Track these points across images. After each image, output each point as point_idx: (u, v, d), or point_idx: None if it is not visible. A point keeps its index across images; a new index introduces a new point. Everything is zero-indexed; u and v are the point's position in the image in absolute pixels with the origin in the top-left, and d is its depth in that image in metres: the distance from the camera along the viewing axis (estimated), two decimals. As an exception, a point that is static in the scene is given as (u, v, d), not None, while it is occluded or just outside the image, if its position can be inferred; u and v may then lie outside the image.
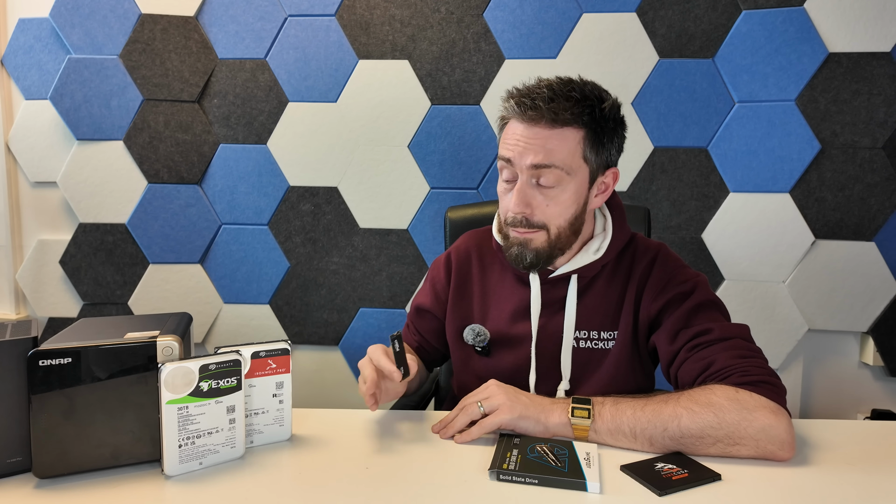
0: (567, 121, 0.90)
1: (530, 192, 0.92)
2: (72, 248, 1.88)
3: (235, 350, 0.78)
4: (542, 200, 0.92)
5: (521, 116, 0.91)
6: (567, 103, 0.89)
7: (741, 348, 0.87)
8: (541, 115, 0.89)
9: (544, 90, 0.90)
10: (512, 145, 0.92)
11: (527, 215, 0.93)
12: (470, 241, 1.12)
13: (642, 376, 1.00)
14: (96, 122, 1.83)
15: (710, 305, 0.93)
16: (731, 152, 1.74)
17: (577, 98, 0.90)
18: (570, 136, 0.91)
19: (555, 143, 0.90)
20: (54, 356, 0.69)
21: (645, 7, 1.73)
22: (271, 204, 1.86)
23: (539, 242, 0.94)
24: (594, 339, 0.98)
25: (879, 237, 1.71)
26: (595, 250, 0.98)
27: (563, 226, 0.94)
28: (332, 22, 1.80)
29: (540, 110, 0.89)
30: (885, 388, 1.79)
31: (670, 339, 0.92)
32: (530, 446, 0.79)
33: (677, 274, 0.97)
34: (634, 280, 0.98)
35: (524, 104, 0.90)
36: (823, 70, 1.68)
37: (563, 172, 0.91)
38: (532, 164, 0.90)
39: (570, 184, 0.92)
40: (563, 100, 0.90)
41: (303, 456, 0.80)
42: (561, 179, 0.91)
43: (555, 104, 0.89)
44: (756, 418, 0.77)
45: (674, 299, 0.94)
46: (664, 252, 1.01)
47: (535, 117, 0.90)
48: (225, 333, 1.91)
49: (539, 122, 0.90)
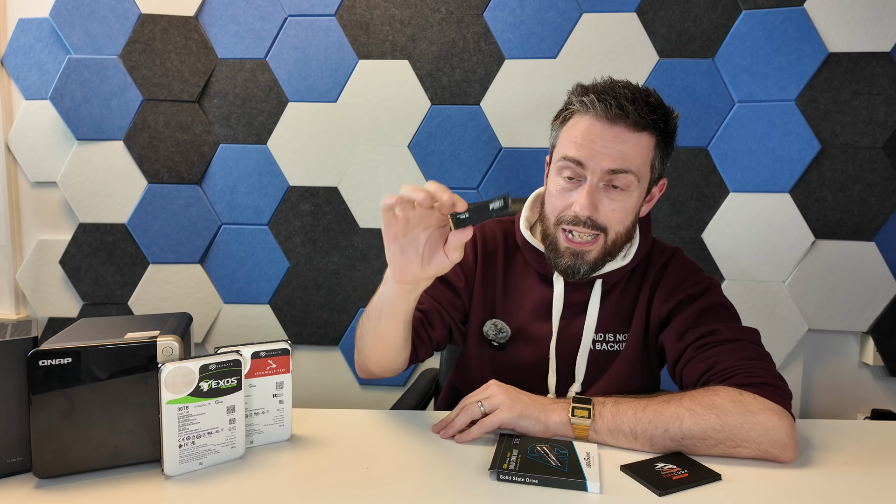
0: (646, 126, 0.87)
1: (599, 196, 0.88)
2: (72, 248, 1.88)
3: (235, 350, 0.78)
4: (608, 204, 0.89)
5: (603, 113, 0.86)
6: (647, 108, 0.86)
7: (748, 350, 0.86)
8: (625, 115, 0.85)
9: (625, 91, 0.86)
10: (585, 144, 0.86)
11: (594, 218, 0.88)
12: (497, 228, 1.06)
13: (649, 377, 1.00)
14: (96, 122, 1.83)
15: (721, 308, 0.93)
16: (731, 152, 1.74)
17: (655, 104, 0.88)
18: (646, 143, 0.88)
19: (632, 148, 0.86)
20: (54, 356, 0.69)
21: (645, 7, 1.73)
22: (271, 204, 1.86)
23: (596, 252, 0.91)
24: (609, 341, 0.98)
25: (879, 237, 1.71)
26: (623, 256, 0.97)
27: (621, 232, 0.91)
28: (332, 22, 1.80)
29: (625, 110, 0.85)
30: (885, 388, 1.79)
31: (677, 338, 0.92)
32: (530, 446, 0.79)
33: (690, 277, 0.96)
34: (648, 282, 0.98)
35: (608, 102, 0.85)
36: (823, 70, 1.68)
37: (635, 178, 0.88)
38: (609, 169, 0.86)
39: (636, 190, 0.89)
40: (643, 104, 0.86)
41: (303, 456, 0.80)
42: (631, 184, 0.88)
43: (638, 107, 0.85)
44: (759, 421, 0.77)
45: (684, 300, 0.94)
46: (679, 256, 1.00)
47: (619, 116, 0.85)
48: (225, 333, 1.91)
49: (620, 123, 0.86)
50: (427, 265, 0.76)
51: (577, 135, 0.88)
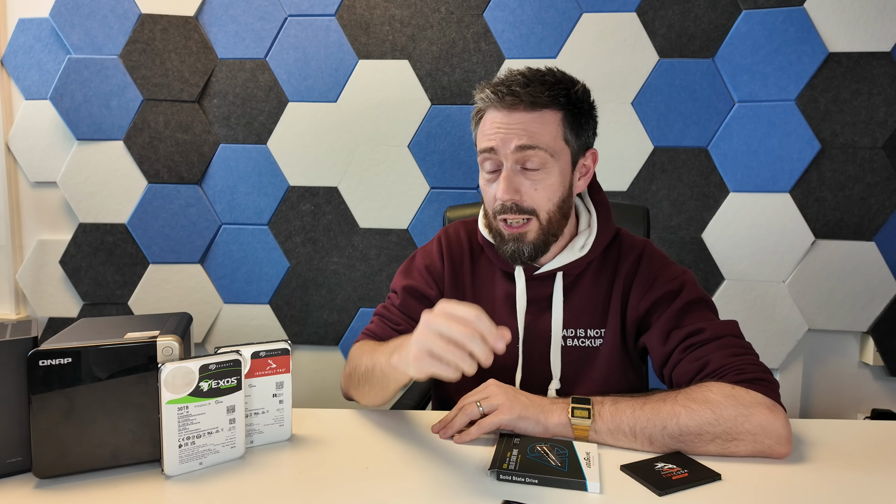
0: (545, 103, 0.90)
1: (517, 179, 0.92)
2: (72, 248, 1.88)
3: (235, 350, 0.78)
4: (529, 186, 0.92)
5: (498, 104, 0.91)
6: (542, 87, 0.90)
7: (734, 346, 0.87)
8: (519, 99, 0.89)
9: (518, 77, 0.91)
10: (492, 133, 0.91)
11: (516, 201, 0.92)
12: (460, 229, 1.09)
13: (634, 375, 1.00)
14: (96, 122, 1.83)
15: (700, 303, 0.94)
16: (731, 152, 1.74)
17: (552, 81, 0.91)
18: (550, 119, 0.91)
19: (536, 126, 0.90)
20: (54, 356, 0.69)
21: (645, 7, 1.73)
22: (271, 204, 1.86)
23: (533, 234, 0.93)
24: (581, 336, 0.98)
25: (879, 237, 1.71)
26: (580, 247, 0.98)
27: (552, 210, 0.93)
28: (332, 22, 1.80)
29: (518, 95, 0.89)
30: (885, 388, 1.79)
31: (662, 340, 0.92)
32: (530, 446, 0.79)
33: (664, 271, 0.97)
34: (621, 277, 0.98)
35: (500, 92, 0.90)
36: (823, 70, 1.68)
37: (548, 154, 0.91)
38: (517, 146, 0.90)
39: (554, 167, 0.92)
40: (538, 84, 0.90)
41: (303, 456, 0.80)
42: (545, 162, 0.91)
43: (531, 88, 0.89)
44: (753, 414, 0.78)
45: (662, 298, 0.94)
46: (650, 249, 1.01)
47: (513, 102, 0.90)
48: (225, 333, 1.91)
49: (518, 108, 0.90)
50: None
51: (486, 128, 0.93)
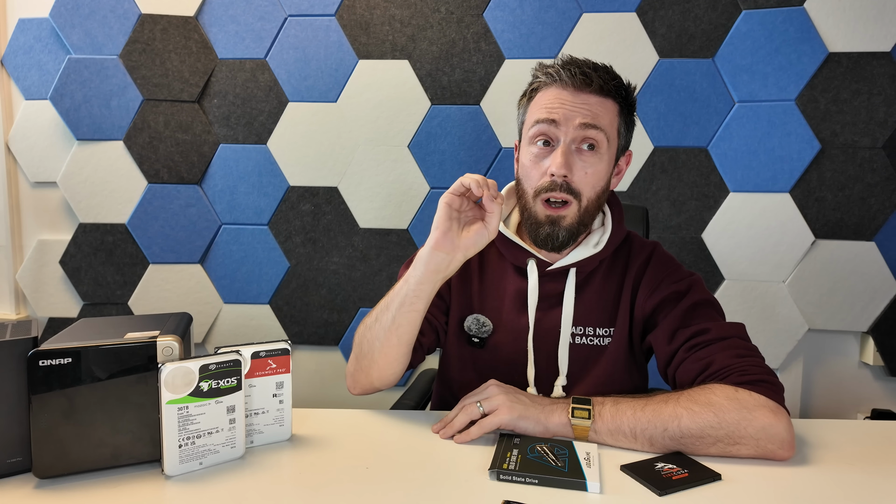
0: (610, 91, 0.91)
1: (572, 157, 0.91)
2: (72, 248, 1.88)
3: (235, 350, 0.78)
4: (581, 167, 0.92)
5: (568, 81, 0.91)
6: (609, 76, 0.92)
7: (739, 347, 0.87)
8: (590, 80, 0.90)
9: (587, 61, 0.92)
10: (556, 107, 0.91)
11: (568, 179, 0.91)
12: None
13: (637, 374, 1.00)
14: (96, 122, 1.83)
15: (706, 304, 0.93)
16: (731, 152, 1.74)
17: (615, 74, 0.93)
18: (611, 107, 0.93)
19: (600, 109, 0.91)
20: (54, 356, 0.69)
21: (645, 7, 1.73)
22: (271, 204, 1.86)
23: (570, 218, 0.93)
24: (590, 335, 0.98)
25: (879, 237, 1.71)
26: (595, 244, 0.98)
27: (592, 198, 0.94)
28: (332, 22, 1.80)
29: (589, 77, 0.90)
30: (885, 388, 1.79)
31: (668, 339, 0.92)
32: (530, 446, 0.79)
33: (672, 272, 0.97)
34: (630, 277, 0.98)
35: (572, 70, 0.90)
36: (823, 70, 1.68)
37: (606, 137, 0.91)
38: (581, 123, 0.90)
39: (606, 154, 0.93)
40: (604, 72, 0.92)
41: (303, 456, 0.80)
42: (602, 145, 0.92)
43: (601, 73, 0.91)
44: (756, 417, 0.77)
45: (669, 298, 0.94)
46: (659, 251, 1.01)
47: (584, 82, 0.90)
48: (225, 333, 1.91)
49: (585, 89, 0.90)
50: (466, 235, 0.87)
51: (546, 102, 0.92)
